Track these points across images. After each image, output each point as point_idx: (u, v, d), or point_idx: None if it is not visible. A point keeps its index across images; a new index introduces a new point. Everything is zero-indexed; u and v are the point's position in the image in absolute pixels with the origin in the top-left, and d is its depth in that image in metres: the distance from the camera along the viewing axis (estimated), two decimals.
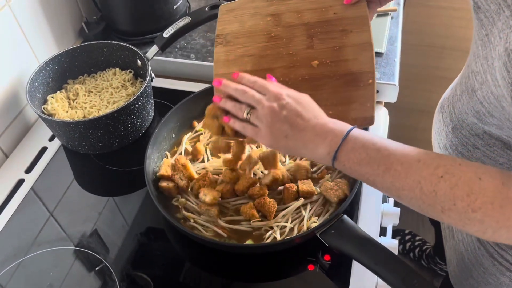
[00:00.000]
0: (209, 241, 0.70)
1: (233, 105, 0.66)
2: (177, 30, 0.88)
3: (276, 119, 0.60)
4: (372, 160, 0.55)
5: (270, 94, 0.62)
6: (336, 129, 0.58)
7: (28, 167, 0.88)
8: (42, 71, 0.89)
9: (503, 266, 0.73)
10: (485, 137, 0.66)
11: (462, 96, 0.69)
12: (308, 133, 0.59)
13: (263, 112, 0.61)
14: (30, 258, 0.74)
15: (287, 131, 0.59)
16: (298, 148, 0.60)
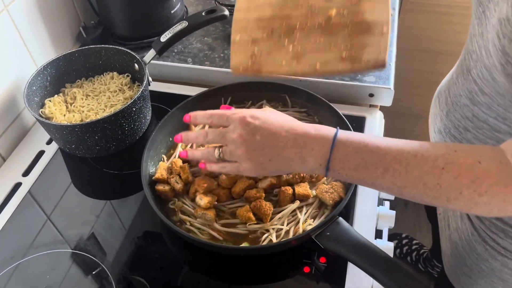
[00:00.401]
0: (206, 244, 0.70)
1: (201, 153, 0.64)
2: (174, 35, 0.89)
3: (252, 147, 0.56)
4: (369, 164, 0.53)
5: (234, 122, 0.58)
6: (320, 137, 0.55)
7: (26, 170, 0.88)
8: (40, 75, 0.89)
9: (495, 250, 0.73)
10: (475, 120, 0.66)
11: (458, 79, 0.69)
12: (291, 149, 0.55)
13: (235, 145, 0.57)
14: (27, 261, 0.75)
15: (268, 154, 0.56)
16: (287, 167, 0.57)
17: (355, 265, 0.63)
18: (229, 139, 0.58)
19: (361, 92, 0.95)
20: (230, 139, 0.58)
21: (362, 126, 0.90)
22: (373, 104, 0.97)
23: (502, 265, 0.75)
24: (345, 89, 0.95)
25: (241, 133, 0.57)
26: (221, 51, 1.05)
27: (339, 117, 0.83)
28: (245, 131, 0.57)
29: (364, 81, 0.95)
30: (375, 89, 0.94)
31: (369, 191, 0.80)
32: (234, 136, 0.58)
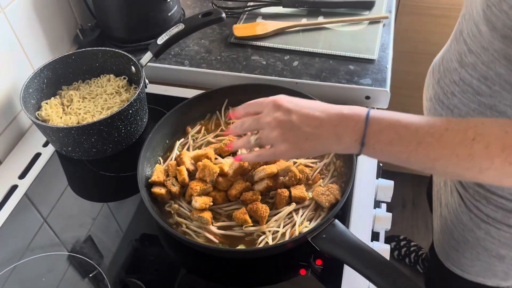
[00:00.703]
0: (202, 246, 0.70)
1: (239, 143, 0.66)
2: (171, 37, 0.89)
3: (287, 128, 0.57)
4: (403, 138, 0.54)
5: (267, 106, 0.59)
6: (354, 114, 0.56)
7: (22, 173, 0.88)
8: (36, 77, 0.89)
9: (479, 218, 0.77)
10: (461, 84, 0.70)
11: (451, 46, 0.74)
12: (326, 127, 0.56)
13: (270, 127, 0.58)
14: (23, 264, 0.74)
15: (304, 134, 0.57)
16: (323, 146, 0.58)
17: (351, 267, 0.64)
18: (264, 123, 0.59)
19: (357, 95, 0.95)
20: (265, 122, 0.59)
21: None
22: (370, 106, 0.97)
23: (485, 233, 0.78)
24: (341, 92, 0.95)
25: (275, 115, 0.58)
26: (218, 54, 1.05)
27: None
28: (279, 112, 0.58)
29: (361, 84, 0.95)
30: (372, 91, 0.94)
31: (366, 193, 0.80)
32: (269, 119, 0.59)
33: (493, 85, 0.65)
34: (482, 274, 0.87)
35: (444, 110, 0.78)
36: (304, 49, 1.03)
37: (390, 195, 0.86)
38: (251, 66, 1.01)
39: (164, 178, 0.79)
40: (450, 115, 0.76)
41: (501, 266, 0.84)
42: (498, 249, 0.80)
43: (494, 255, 0.81)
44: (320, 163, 0.81)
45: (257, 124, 0.60)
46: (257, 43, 1.06)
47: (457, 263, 0.90)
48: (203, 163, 0.76)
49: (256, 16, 1.14)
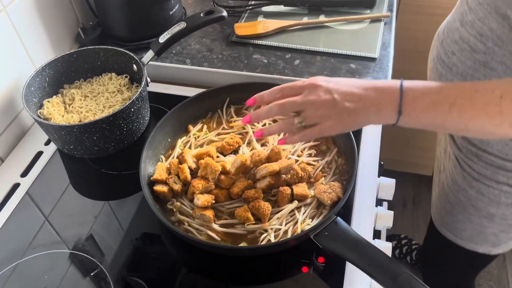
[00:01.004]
0: (204, 244, 0.70)
1: (278, 126, 0.67)
2: (173, 35, 0.89)
3: (331, 105, 0.61)
4: (436, 103, 0.57)
5: (308, 88, 0.62)
6: (389, 86, 0.60)
7: (24, 171, 0.88)
8: (38, 75, 0.89)
9: (471, 176, 0.84)
10: (460, 42, 0.77)
11: (456, 9, 0.80)
12: (365, 101, 0.60)
13: (315, 106, 0.62)
14: (25, 262, 0.74)
15: (347, 109, 0.60)
16: (364, 118, 0.61)
17: (353, 264, 0.64)
18: (307, 103, 0.62)
19: None
20: (308, 102, 0.62)
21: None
22: None
23: (477, 191, 0.84)
24: None
25: (318, 94, 0.61)
26: (220, 52, 1.05)
27: None
28: (322, 92, 0.61)
29: None
30: None
31: (367, 191, 0.80)
32: (312, 98, 0.61)
33: (487, 42, 0.71)
34: (474, 239, 0.93)
35: (444, 69, 0.83)
36: (306, 48, 1.04)
37: (391, 193, 0.86)
38: (252, 64, 1.01)
39: (166, 176, 0.79)
40: (449, 73, 0.82)
41: (491, 227, 0.89)
42: (488, 208, 0.85)
43: (484, 214, 0.87)
44: (322, 161, 0.81)
45: (299, 105, 0.62)
46: (259, 41, 1.06)
47: (451, 227, 0.96)
48: (205, 161, 0.76)
49: (257, 14, 1.14)
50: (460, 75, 0.80)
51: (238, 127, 0.89)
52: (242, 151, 0.83)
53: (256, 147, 0.84)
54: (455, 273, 1.14)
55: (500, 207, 0.85)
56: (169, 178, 0.78)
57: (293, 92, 0.64)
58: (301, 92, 0.63)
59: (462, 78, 0.79)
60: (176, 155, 0.84)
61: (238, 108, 0.93)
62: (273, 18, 1.12)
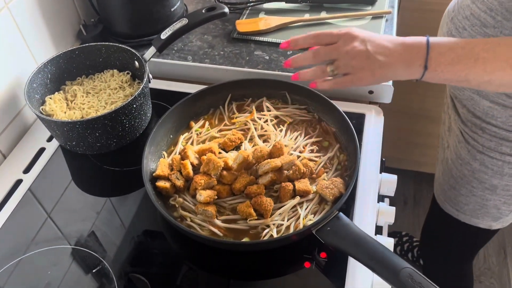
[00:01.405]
0: (207, 239, 0.70)
1: (312, 72, 0.70)
2: (174, 32, 0.89)
3: (365, 56, 0.64)
4: (461, 57, 0.61)
5: (343, 37, 0.65)
6: (416, 41, 0.64)
7: (26, 167, 0.88)
8: (40, 72, 0.89)
9: (475, 149, 0.87)
10: (471, 18, 0.78)
11: None
12: (395, 55, 0.64)
13: (349, 56, 0.65)
14: (28, 257, 0.75)
15: (378, 61, 0.64)
16: (393, 72, 0.65)
17: (355, 259, 0.64)
18: (342, 52, 0.65)
19: (360, 89, 0.95)
20: (343, 52, 0.65)
21: (361, 123, 0.91)
22: (373, 101, 0.97)
23: (480, 164, 0.87)
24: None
25: (354, 45, 0.64)
26: (221, 49, 1.05)
27: (339, 114, 0.83)
28: (356, 43, 0.64)
29: None
30: (375, 86, 0.94)
31: (369, 187, 0.81)
32: (348, 48, 0.65)
33: (496, 15, 0.74)
34: (475, 213, 0.95)
35: None
36: None
37: (393, 189, 0.86)
38: (254, 61, 1.01)
39: (169, 172, 0.79)
40: None
41: (493, 199, 0.91)
42: (491, 179, 0.89)
43: (487, 186, 0.89)
44: (324, 157, 0.81)
45: (334, 53, 0.66)
46: (260, 38, 1.06)
47: (453, 202, 0.98)
48: (208, 157, 0.76)
49: (258, 11, 1.14)
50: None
51: (240, 123, 0.89)
52: (244, 147, 0.83)
53: (258, 143, 0.84)
54: (455, 252, 1.16)
55: (503, 178, 0.88)
56: (172, 174, 0.78)
57: (327, 40, 0.67)
58: (335, 40, 0.66)
59: None
60: (178, 151, 0.84)
61: (240, 104, 0.93)
62: (275, 15, 1.12)
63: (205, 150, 0.80)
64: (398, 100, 1.21)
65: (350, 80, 0.68)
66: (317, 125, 0.87)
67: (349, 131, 0.80)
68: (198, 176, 0.76)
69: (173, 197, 0.78)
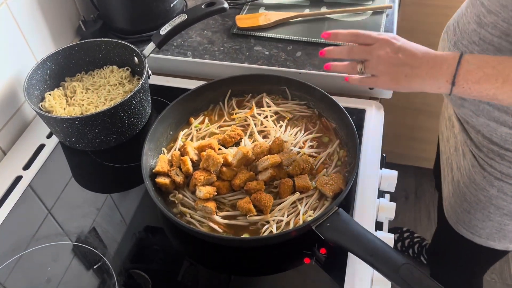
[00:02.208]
0: (206, 235, 0.70)
1: (344, 67, 0.74)
2: (174, 27, 0.89)
3: (394, 63, 0.66)
4: (490, 76, 0.62)
5: (380, 41, 0.68)
6: (448, 57, 0.64)
7: (26, 164, 0.88)
8: (39, 68, 0.89)
9: (492, 175, 0.82)
10: (480, 43, 0.75)
11: (467, 10, 0.79)
12: (424, 68, 0.65)
13: (379, 60, 0.67)
14: (28, 254, 0.75)
15: (405, 71, 0.66)
16: (418, 83, 0.66)
17: (355, 255, 0.64)
18: (374, 55, 0.68)
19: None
20: (375, 55, 0.68)
21: (362, 119, 0.90)
22: (373, 96, 0.97)
23: (498, 190, 0.83)
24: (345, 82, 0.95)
25: (387, 51, 0.67)
26: (221, 45, 1.05)
27: (339, 109, 0.83)
28: (390, 49, 0.67)
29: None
30: None
31: (369, 183, 0.80)
32: (381, 52, 0.67)
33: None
34: (492, 236, 0.91)
35: None
36: (307, 39, 1.03)
37: (393, 184, 0.86)
38: (254, 56, 1.01)
39: (168, 168, 0.79)
40: None
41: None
42: (510, 206, 0.84)
43: (506, 213, 0.85)
44: (324, 153, 0.81)
45: (367, 54, 0.69)
46: (260, 33, 1.06)
47: (468, 225, 0.93)
48: (207, 153, 0.76)
49: (258, 7, 1.14)
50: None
51: (240, 119, 0.89)
52: (244, 143, 0.83)
53: (258, 139, 0.83)
54: (467, 269, 1.11)
55: None
56: (171, 170, 0.78)
57: (365, 40, 0.70)
58: (372, 42, 0.69)
59: None
60: (178, 148, 0.84)
61: (240, 100, 0.93)
62: (274, 10, 1.12)
63: (205, 146, 0.80)
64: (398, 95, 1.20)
65: (375, 82, 0.70)
66: (317, 121, 0.87)
67: (349, 127, 0.80)
68: (198, 172, 0.76)
69: (173, 193, 0.78)
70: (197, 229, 0.72)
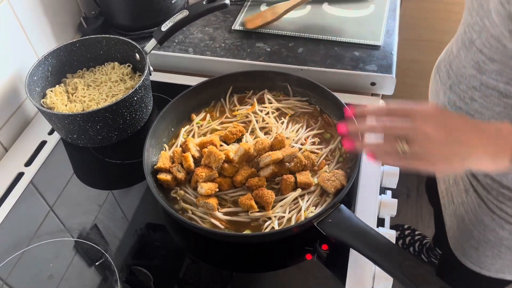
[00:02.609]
0: (208, 231, 0.70)
1: (377, 147, 0.59)
2: (175, 24, 0.88)
3: (445, 144, 0.54)
4: None
5: (421, 114, 0.55)
6: (503, 129, 0.55)
7: (28, 160, 0.88)
8: (41, 65, 0.89)
9: (502, 219, 0.76)
10: (482, 89, 0.67)
11: (460, 53, 0.71)
12: (478, 147, 0.55)
13: (427, 139, 0.54)
14: (30, 250, 0.75)
15: (459, 150, 0.54)
16: (475, 163, 0.56)
17: (357, 251, 0.64)
18: (420, 132, 0.55)
19: (363, 81, 0.95)
20: (421, 132, 0.54)
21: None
22: (375, 93, 0.97)
23: (510, 233, 0.77)
24: (346, 78, 0.95)
25: (432, 126, 0.54)
26: (222, 41, 1.04)
27: (341, 106, 0.82)
28: (435, 123, 0.54)
29: (366, 70, 0.94)
30: (377, 78, 0.94)
31: (371, 179, 0.80)
32: (428, 129, 0.54)
33: None
34: (502, 270, 0.86)
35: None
36: (309, 36, 1.03)
37: (395, 181, 0.86)
38: (255, 53, 1.01)
39: (170, 165, 0.79)
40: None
41: None
42: None
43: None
44: (326, 149, 0.81)
45: (409, 132, 0.55)
46: (261, 30, 1.05)
47: (476, 261, 0.88)
48: (209, 149, 0.76)
49: (260, 3, 1.13)
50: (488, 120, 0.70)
51: (241, 115, 0.88)
52: (246, 139, 0.83)
53: (260, 135, 0.83)
54: None
55: None
56: (173, 166, 0.78)
57: (401, 113, 0.57)
58: (409, 116, 0.56)
59: None
60: (179, 144, 0.84)
61: (241, 96, 0.93)
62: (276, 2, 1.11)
63: (206, 142, 0.80)
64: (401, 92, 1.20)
65: (424, 165, 0.56)
66: (319, 117, 0.87)
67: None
68: (199, 168, 0.76)
69: (174, 190, 0.78)
70: (199, 226, 0.71)
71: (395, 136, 0.56)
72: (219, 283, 0.71)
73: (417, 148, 0.55)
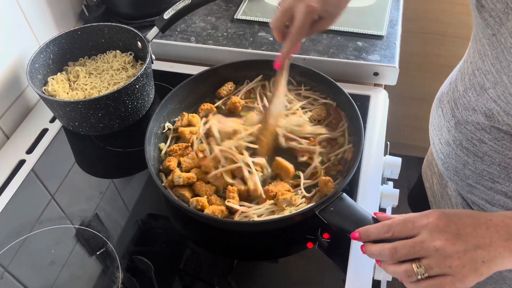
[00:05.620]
0: (209, 218, 0.70)
1: (396, 272, 0.54)
2: (178, 12, 0.88)
3: (462, 251, 0.50)
4: None
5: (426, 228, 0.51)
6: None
7: (29, 148, 0.88)
8: (42, 52, 0.89)
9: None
10: (493, 131, 0.63)
11: (467, 93, 0.66)
12: (498, 245, 0.50)
13: (441, 254, 0.50)
14: (32, 236, 0.75)
15: (480, 255, 0.50)
16: (499, 263, 0.51)
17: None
18: (430, 250, 0.50)
19: (365, 71, 0.94)
20: (431, 249, 0.50)
21: (366, 105, 0.90)
22: (378, 83, 0.96)
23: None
24: (349, 68, 0.94)
25: (446, 239, 0.50)
26: (224, 30, 1.04)
27: (344, 95, 0.82)
28: (447, 234, 0.50)
29: (369, 60, 0.94)
30: (380, 68, 0.93)
31: (373, 169, 0.80)
32: (437, 244, 0.50)
33: None
34: None
35: (471, 158, 0.69)
36: None
37: (397, 172, 0.86)
38: (258, 42, 1.00)
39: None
40: (479, 162, 0.68)
41: None
42: None
43: None
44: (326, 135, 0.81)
45: (419, 251, 0.51)
46: (264, 19, 1.05)
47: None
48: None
49: None
50: (498, 165, 0.65)
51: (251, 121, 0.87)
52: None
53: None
54: None
55: None
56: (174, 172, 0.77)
57: (406, 232, 0.53)
58: (416, 232, 0.52)
59: (501, 168, 0.65)
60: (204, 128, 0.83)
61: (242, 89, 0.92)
62: None
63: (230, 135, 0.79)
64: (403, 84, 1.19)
65: (451, 282, 0.51)
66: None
67: (353, 110, 0.79)
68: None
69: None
70: (200, 213, 0.71)
71: (406, 259, 0.52)
72: (220, 271, 0.71)
73: (434, 266, 0.50)
